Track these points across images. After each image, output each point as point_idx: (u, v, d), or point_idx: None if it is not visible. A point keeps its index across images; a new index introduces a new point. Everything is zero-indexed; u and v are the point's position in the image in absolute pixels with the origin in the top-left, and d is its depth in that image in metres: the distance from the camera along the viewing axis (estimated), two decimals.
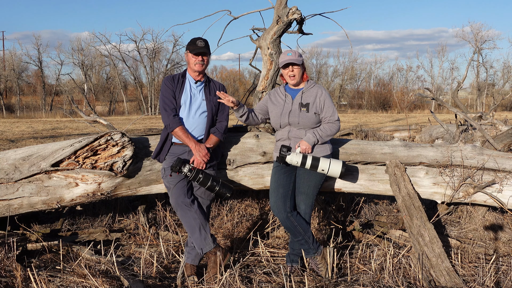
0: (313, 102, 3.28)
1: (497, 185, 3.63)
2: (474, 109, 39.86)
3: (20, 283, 2.84)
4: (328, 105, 3.29)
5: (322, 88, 3.36)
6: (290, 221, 3.21)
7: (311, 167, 3.16)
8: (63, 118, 27.56)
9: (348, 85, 50.72)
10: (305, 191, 3.25)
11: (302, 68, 3.33)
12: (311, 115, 3.26)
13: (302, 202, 3.26)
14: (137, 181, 3.65)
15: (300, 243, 3.25)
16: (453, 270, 2.98)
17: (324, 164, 3.15)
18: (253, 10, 4.29)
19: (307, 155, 3.18)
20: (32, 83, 45.73)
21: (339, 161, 3.19)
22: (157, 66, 43.01)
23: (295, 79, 3.31)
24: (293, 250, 3.33)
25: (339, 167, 3.15)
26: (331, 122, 3.30)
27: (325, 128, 3.28)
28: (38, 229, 4.17)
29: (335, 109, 3.32)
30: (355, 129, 10.63)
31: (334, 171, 3.16)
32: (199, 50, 3.21)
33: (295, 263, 3.30)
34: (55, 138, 13.35)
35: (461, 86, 7.22)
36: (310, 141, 3.24)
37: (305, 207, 3.25)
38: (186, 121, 3.26)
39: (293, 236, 3.28)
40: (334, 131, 3.30)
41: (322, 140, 3.28)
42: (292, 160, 3.17)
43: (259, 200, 4.72)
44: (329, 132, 3.28)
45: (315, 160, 3.16)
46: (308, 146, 3.23)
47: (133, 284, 2.81)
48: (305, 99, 3.30)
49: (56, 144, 3.67)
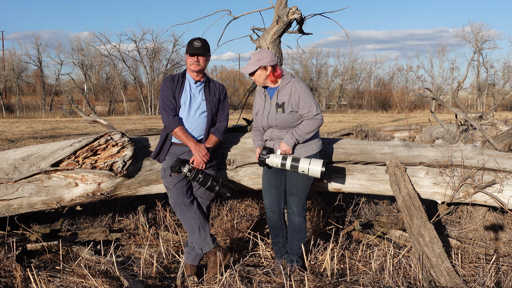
0: (288, 101, 3.11)
1: (497, 185, 3.63)
2: (475, 109, 39.85)
3: (20, 283, 2.84)
4: (304, 101, 3.09)
5: (297, 82, 3.14)
6: (281, 222, 3.33)
7: (292, 168, 3.09)
8: (63, 118, 27.56)
9: (348, 85, 50.74)
10: (295, 192, 3.22)
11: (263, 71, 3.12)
12: (287, 116, 3.11)
13: (293, 203, 3.25)
14: (137, 181, 3.64)
15: (278, 245, 3.36)
16: (453, 270, 2.98)
17: (303, 165, 3.07)
18: (253, 10, 4.28)
19: (287, 156, 3.11)
20: (31, 83, 45.69)
21: (319, 161, 3.06)
22: (157, 66, 43.01)
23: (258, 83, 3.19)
24: (291, 250, 3.33)
25: (319, 167, 3.03)
26: (309, 119, 3.10)
27: (303, 126, 3.11)
28: (38, 229, 4.16)
29: (313, 103, 3.10)
30: (355, 129, 10.64)
31: (314, 171, 3.05)
32: (194, 51, 3.20)
33: (295, 263, 3.31)
34: (55, 138, 13.35)
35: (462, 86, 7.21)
36: (288, 142, 3.12)
37: (296, 208, 3.24)
38: (185, 121, 3.26)
39: (274, 236, 3.36)
40: (314, 127, 3.11)
41: (302, 139, 3.13)
42: (272, 162, 3.12)
43: (259, 200, 4.72)
44: (308, 129, 3.10)
45: (295, 161, 3.08)
46: (287, 148, 3.13)
47: (133, 284, 2.80)
48: (281, 98, 3.15)
49: (55, 144, 3.66)
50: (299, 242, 3.27)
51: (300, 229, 3.26)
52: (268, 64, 3.11)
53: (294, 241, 3.28)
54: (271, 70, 3.14)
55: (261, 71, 3.13)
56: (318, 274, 3.21)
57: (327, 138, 4.01)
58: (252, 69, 3.11)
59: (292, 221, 3.26)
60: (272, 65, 3.13)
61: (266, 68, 3.12)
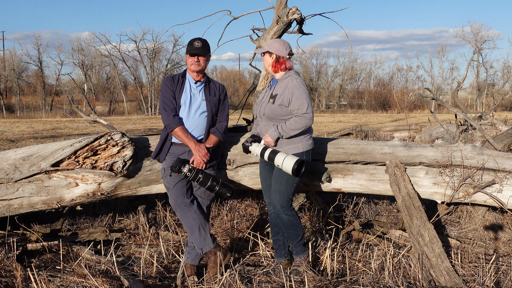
0: (281, 94, 3.14)
1: (497, 185, 3.63)
2: (474, 109, 39.86)
3: (20, 283, 2.84)
4: (296, 97, 3.08)
5: (295, 79, 3.16)
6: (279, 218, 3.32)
7: (269, 160, 3.08)
8: (63, 118, 27.55)
9: (348, 85, 50.72)
10: (277, 188, 3.17)
11: (269, 57, 3.22)
12: (275, 107, 3.13)
13: (275, 200, 3.19)
14: (137, 181, 3.65)
15: (278, 243, 3.37)
16: (453, 270, 2.98)
17: (279, 158, 3.02)
18: (253, 10, 4.29)
19: (268, 147, 3.12)
20: (32, 83, 45.68)
21: (294, 158, 2.99)
22: (157, 66, 43.00)
23: (265, 69, 3.34)
24: (292, 245, 3.33)
25: (291, 163, 2.95)
26: (298, 116, 3.08)
27: (290, 122, 3.09)
28: (38, 229, 4.17)
29: (305, 101, 3.07)
30: (355, 129, 10.65)
31: (286, 166, 2.99)
32: (194, 51, 3.22)
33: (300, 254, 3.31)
34: (55, 138, 13.35)
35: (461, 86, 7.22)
36: (272, 135, 3.13)
37: (279, 205, 3.17)
38: (186, 121, 3.27)
39: (274, 233, 3.39)
40: (300, 125, 3.07)
41: (286, 135, 3.10)
42: (254, 150, 3.14)
43: (259, 200, 4.72)
44: (293, 126, 3.07)
45: (273, 153, 3.06)
46: (270, 140, 3.14)
47: (133, 284, 2.81)
48: (276, 89, 3.20)
49: (56, 144, 3.67)
50: (297, 236, 3.25)
51: (291, 225, 3.20)
52: (274, 52, 3.20)
53: (291, 236, 3.27)
54: (275, 59, 3.22)
55: (267, 56, 3.25)
56: (318, 273, 3.22)
57: (327, 138, 4.02)
58: (262, 50, 3.26)
59: (281, 217, 3.21)
60: (277, 56, 3.21)
61: (272, 55, 3.22)
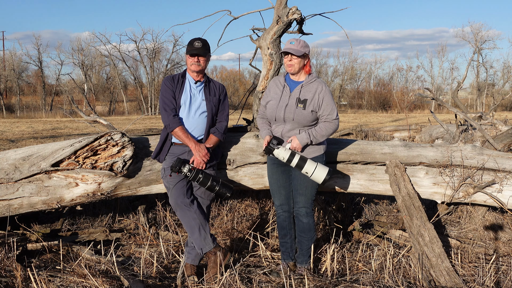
0: (311, 99, 3.10)
1: (497, 185, 3.63)
2: (474, 109, 39.84)
3: (20, 283, 2.84)
4: (327, 102, 3.11)
5: (323, 84, 3.18)
6: (290, 221, 3.31)
7: (296, 166, 3.06)
8: (63, 118, 27.55)
9: (348, 85, 50.73)
10: (303, 192, 3.22)
11: (303, 59, 3.13)
12: (307, 113, 3.10)
13: (301, 203, 3.24)
14: (137, 181, 3.65)
15: (285, 245, 3.33)
16: (453, 270, 2.98)
17: (309, 167, 3.03)
18: (253, 10, 4.28)
19: (296, 153, 3.07)
20: (32, 83, 45.68)
21: (326, 168, 3.05)
22: (157, 66, 43.00)
23: (293, 69, 3.15)
24: (301, 250, 3.33)
25: (324, 174, 3.02)
26: (328, 121, 3.13)
27: (320, 128, 3.13)
28: (38, 229, 4.17)
29: (334, 106, 3.13)
30: (355, 129, 10.64)
31: (318, 177, 3.04)
32: (194, 51, 3.21)
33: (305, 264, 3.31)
34: (55, 138, 13.35)
35: (461, 86, 7.21)
36: (302, 141, 3.10)
37: (305, 208, 3.23)
38: (186, 121, 3.27)
39: (282, 236, 3.34)
40: (331, 131, 3.13)
41: (316, 141, 3.13)
42: (279, 154, 3.07)
43: (259, 200, 4.72)
44: (324, 132, 3.12)
45: (302, 160, 3.05)
46: (299, 145, 3.11)
47: (133, 284, 2.81)
48: (304, 94, 3.13)
49: (56, 144, 3.67)
50: (309, 242, 3.26)
51: (309, 228, 3.25)
52: (308, 54, 3.16)
53: (303, 241, 3.27)
54: (307, 61, 3.19)
55: (303, 58, 3.14)
56: (318, 273, 3.22)
57: (327, 138, 4.01)
58: (301, 52, 3.10)
59: (301, 220, 3.24)
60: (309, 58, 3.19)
61: (306, 57, 3.16)
